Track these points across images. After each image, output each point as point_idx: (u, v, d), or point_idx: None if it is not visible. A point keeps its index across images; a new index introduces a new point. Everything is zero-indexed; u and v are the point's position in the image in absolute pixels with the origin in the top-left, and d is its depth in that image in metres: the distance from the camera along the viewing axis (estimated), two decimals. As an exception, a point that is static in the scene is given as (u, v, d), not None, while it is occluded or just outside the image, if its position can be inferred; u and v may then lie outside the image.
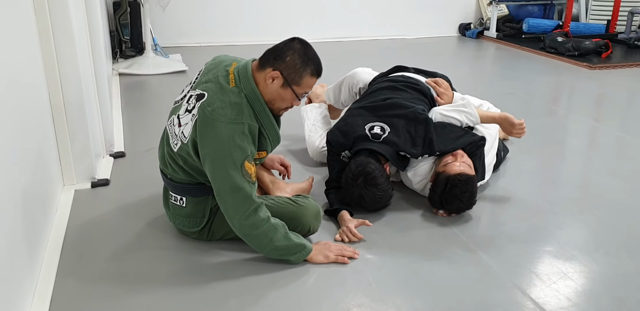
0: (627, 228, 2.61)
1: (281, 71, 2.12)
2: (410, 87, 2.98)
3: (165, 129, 2.32)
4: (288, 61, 2.12)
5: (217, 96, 2.10)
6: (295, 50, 2.13)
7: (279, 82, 2.13)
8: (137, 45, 5.52)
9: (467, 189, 2.57)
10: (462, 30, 7.49)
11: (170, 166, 2.28)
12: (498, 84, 5.14)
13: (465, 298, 2.08)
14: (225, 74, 2.16)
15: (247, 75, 2.14)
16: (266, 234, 2.13)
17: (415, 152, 2.68)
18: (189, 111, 2.14)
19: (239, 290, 2.09)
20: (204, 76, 2.22)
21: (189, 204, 2.29)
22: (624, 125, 4.14)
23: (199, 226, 2.31)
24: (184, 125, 2.15)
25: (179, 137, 2.17)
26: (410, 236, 2.50)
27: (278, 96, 2.17)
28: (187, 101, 2.19)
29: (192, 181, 2.26)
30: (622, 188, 3.02)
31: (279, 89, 2.15)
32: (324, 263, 2.25)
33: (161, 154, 2.36)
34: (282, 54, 2.12)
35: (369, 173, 2.52)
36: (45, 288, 2.05)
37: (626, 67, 5.83)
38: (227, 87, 2.12)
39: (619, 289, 2.16)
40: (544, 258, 2.35)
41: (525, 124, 2.85)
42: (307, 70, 2.14)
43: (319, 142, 3.15)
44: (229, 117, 2.06)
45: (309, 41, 2.21)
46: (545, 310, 2.02)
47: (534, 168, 3.20)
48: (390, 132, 2.69)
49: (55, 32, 2.56)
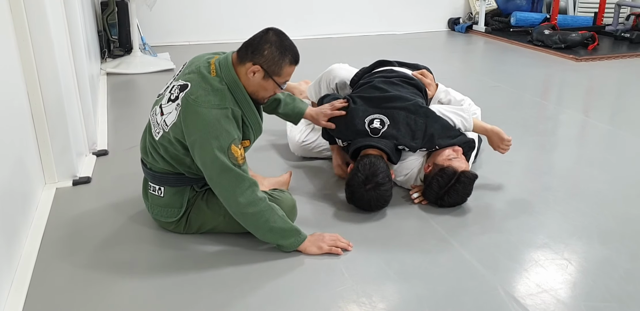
0: (601, 217, 2.64)
1: (261, 65, 2.18)
2: (405, 82, 3.00)
3: (149, 120, 2.37)
4: (266, 55, 2.18)
5: (199, 85, 2.17)
6: (272, 43, 2.19)
7: (260, 75, 2.20)
8: (126, 44, 5.54)
9: (469, 188, 2.65)
10: (451, 25, 7.52)
11: (150, 154, 2.33)
12: (486, 78, 5.17)
13: (435, 286, 2.11)
14: (207, 64, 2.24)
15: (228, 65, 2.21)
16: (263, 213, 2.18)
17: (415, 145, 2.70)
18: (172, 100, 2.20)
19: (214, 281, 2.12)
20: (186, 69, 2.29)
21: (167, 194, 2.33)
22: (609, 116, 4.17)
23: (176, 216, 2.35)
24: (166, 114, 2.21)
25: (161, 126, 2.22)
26: (385, 227, 2.53)
27: (260, 87, 2.25)
28: (169, 90, 2.25)
29: (171, 171, 2.31)
30: (601, 177, 3.06)
31: (261, 81, 2.22)
32: (317, 254, 2.28)
33: (143, 144, 2.40)
34: (260, 48, 2.18)
35: (378, 178, 2.55)
36: (22, 282, 2.08)
37: (612, 58, 5.86)
38: (209, 76, 2.19)
39: (589, 275, 2.19)
40: (516, 246, 2.39)
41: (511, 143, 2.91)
42: (285, 60, 2.21)
43: (299, 136, 3.19)
44: (212, 103, 2.13)
45: (297, 38, 2.25)
46: (514, 297, 2.05)
47: (513, 159, 3.23)
48: (389, 125, 2.71)
49: (32, 31, 2.58)
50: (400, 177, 2.84)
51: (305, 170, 3.09)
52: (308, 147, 3.20)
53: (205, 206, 2.35)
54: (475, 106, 3.31)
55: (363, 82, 3.05)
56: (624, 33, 6.60)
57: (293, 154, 3.27)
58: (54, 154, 2.80)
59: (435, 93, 3.15)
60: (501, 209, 2.71)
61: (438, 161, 2.69)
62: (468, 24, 7.36)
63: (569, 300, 2.04)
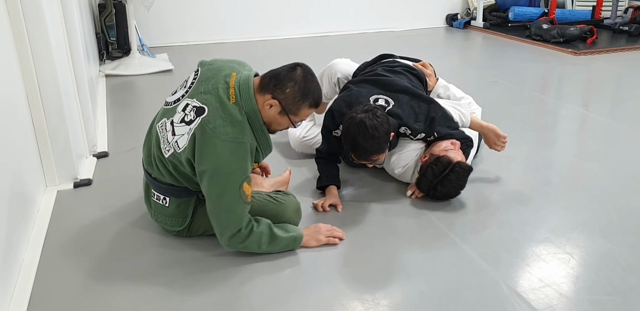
0: (602, 210, 2.64)
1: (280, 101, 2.12)
2: (408, 71, 3.02)
3: (155, 130, 2.26)
4: (287, 93, 2.12)
5: (217, 113, 2.07)
6: (297, 82, 2.13)
7: (276, 109, 2.14)
8: (124, 46, 5.54)
9: (463, 179, 2.65)
10: (449, 21, 7.51)
11: (157, 168, 2.27)
12: (485, 73, 5.17)
13: (438, 282, 2.11)
14: (226, 86, 2.13)
15: (249, 93, 2.12)
16: (253, 243, 2.19)
17: (417, 128, 2.71)
18: (187, 122, 2.11)
19: (218, 282, 2.13)
20: (201, 85, 2.17)
21: (172, 204, 2.31)
22: (609, 110, 4.17)
23: (182, 226, 2.34)
24: (179, 135, 2.12)
25: (172, 145, 2.14)
26: (386, 224, 2.54)
27: (275, 121, 2.19)
28: (183, 109, 2.15)
29: (177, 185, 2.27)
30: (602, 171, 3.06)
31: (276, 116, 2.16)
32: (316, 246, 2.32)
33: (147, 154, 2.33)
34: (283, 84, 2.12)
35: (377, 112, 2.51)
36: (25, 286, 2.08)
37: (611, 52, 5.85)
38: (228, 103, 2.09)
39: (591, 269, 2.20)
40: (518, 241, 2.39)
41: (507, 140, 2.91)
42: (305, 103, 2.16)
43: (299, 132, 3.19)
44: (230, 136, 2.05)
45: (296, 37, 2.24)
46: (517, 291, 2.06)
47: (513, 153, 3.23)
48: (394, 105, 2.72)
49: (31, 35, 2.58)
50: (398, 169, 2.84)
51: (306, 167, 3.09)
52: (309, 143, 3.20)
53: None
54: (475, 105, 3.31)
55: (366, 72, 3.06)
56: (623, 26, 6.59)
57: (293, 151, 3.27)
58: (54, 157, 2.80)
59: (435, 86, 3.18)
60: (502, 204, 2.71)
61: (435, 152, 2.71)
62: (466, 20, 7.36)
63: (571, 294, 2.05)
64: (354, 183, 2.91)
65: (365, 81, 2.86)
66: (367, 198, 2.76)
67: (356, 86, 2.85)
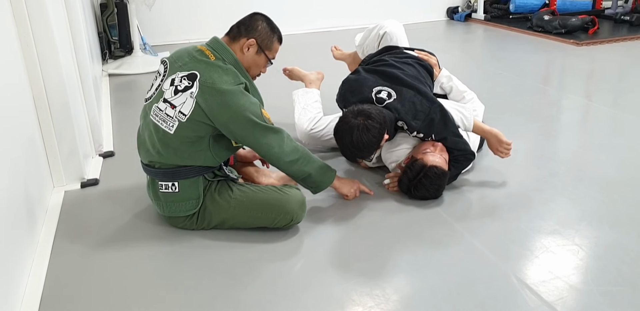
0: (610, 201, 2.65)
1: (256, 39, 2.41)
2: (417, 63, 3.03)
3: (147, 123, 2.39)
4: (260, 30, 2.42)
5: (208, 70, 2.28)
6: (263, 21, 2.45)
7: (253, 49, 2.41)
8: (126, 45, 5.54)
9: (436, 183, 2.62)
10: (450, 14, 7.49)
11: (159, 153, 2.34)
12: (487, 66, 5.16)
13: (447, 276, 2.12)
14: (200, 52, 2.36)
15: (224, 47, 2.38)
16: (306, 156, 2.43)
17: (414, 125, 2.69)
18: (182, 90, 2.27)
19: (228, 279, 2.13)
20: (175, 64, 2.36)
21: (182, 187, 2.36)
22: (612, 100, 4.17)
23: (196, 208, 2.38)
24: (180, 104, 2.27)
25: (176, 117, 2.27)
26: (394, 219, 2.54)
27: (253, 63, 2.44)
28: (170, 84, 2.31)
29: (182, 165, 2.34)
30: (608, 162, 3.06)
31: (254, 56, 2.42)
32: (346, 194, 2.64)
33: (144, 146, 2.42)
34: (253, 25, 2.43)
35: (371, 113, 2.54)
36: (36, 289, 2.09)
37: (613, 42, 5.84)
38: (210, 61, 2.32)
39: (600, 260, 2.20)
40: (526, 234, 2.39)
41: (512, 146, 2.86)
42: (275, 36, 2.47)
43: (307, 125, 3.18)
44: (230, 82, 2.28)
45: (297, 32, 2.38)
46: (527, 284, 2.06)
47: (519, 145, 3.23)
48: (395, 99, 2.72)
49: (36, 35, 2.58)
50: (390, 165, 2.87)
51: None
52: (316, 135, 3.18)
53: (218, 196, 2.38)
54: (478, 103, 3.29)
55: (376, 60, 3.06)
56: (624, 16, 6.57)
57: (301, 143, 3.27)
58: (61, 158, 2.81)
59: (438, 76, 3.20)
60: (509, 197, 2.71)
61: (415, 153, 2.71)
62: (467, 13, 7.34)
63: (581, 286, 2.05)
64: (362, 178, 2.91)
65: (375, 71, 2.88)
66: (376, 193, 2.76)
67: (366, 73, 2.89)
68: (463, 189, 2.78)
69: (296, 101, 3.39)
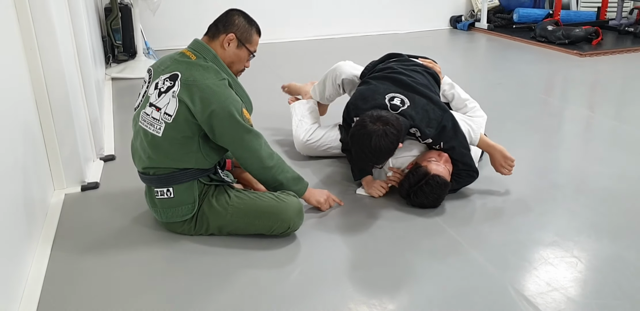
0: (610, 213, 2.64)
1: (235, 33, 2.42)
2: (424, 71, 3.03)
3: (137, 130, 2.44)
4: (237, 23, 2.44)
5: (189, 69, 2.32)
6: (239, 15, 2.47)
7: (234, 44, 2.43)
8: (129, 49, 5.56)
9: (436, 192, 2.61)
10: (454, 23, 7.52)
11: (150, 158, 2.37)
12: (489, 75, 5.17)
13: (445, 286, 2.11)
14: (181, 54, 2.40)
15: (204, 46, 2.41)
16: (280, 164, 2.45)
17: (428, 132, 2.67)
18: (165, 91, 2.31)
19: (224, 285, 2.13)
20: (159, 68, 2.41)
21: (177, 192, 2.37)
22: (615, 112, 4.17)
23: (192, 212, 2.38)
24: (164, 106, 2.31)
25: (162, 119, 2.30)
26: (393, 227, 2.54)
27: (235, 58, 2.46)
28: (154, 88, 2.36)
29: (176, 168, 2.35)
30: (609, 174, 3.05)
31: (235, 50, 2.44)
32: (315, 205, 2.62)
33: (137, 154, 2.45)
34: (230, 20, 2.45)
35: (390, 119, 2.51)
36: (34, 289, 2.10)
37: (617, 53, 5.85)
38: (192, 61, 2.35)
39: (599, 273, 2.19)
40: (525, 245, 2.39)
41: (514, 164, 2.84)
42: (253, 29, 2.49)
43: (303, 135, 3.20)
44: (212, 78, 2.31)
45: (300, 39, 2.37)
46: (525, 295, 2.05)
47: (519, 156, 3.22)
48: (409, 106, 2.69)
49: (39, 39, 2.60)
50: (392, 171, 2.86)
51: (311, 169, 3.10)
52: (313, 146, 3.21)
53: (215, 202, 2.39)
54: (481, 112, 3.29)
55: (383, 68, 3.02)
56: (628, 27, 6.59)
57: (298, 154, 3.28)
58: (62, 161, 2.81)
59: (441, 83, 3.20)
60: (509, 207, 2.71)
61: (419, 160, 2.71)
62: (470, 22, 7.36)
63: (579, 298, 2.04)
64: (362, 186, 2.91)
65: (385, 78, 2.85)
66: (375, 202, 2.76)
67: (376, 81, 2.85)
68: (463, 199, 2.77)
69: (293, 112, 3.43)
